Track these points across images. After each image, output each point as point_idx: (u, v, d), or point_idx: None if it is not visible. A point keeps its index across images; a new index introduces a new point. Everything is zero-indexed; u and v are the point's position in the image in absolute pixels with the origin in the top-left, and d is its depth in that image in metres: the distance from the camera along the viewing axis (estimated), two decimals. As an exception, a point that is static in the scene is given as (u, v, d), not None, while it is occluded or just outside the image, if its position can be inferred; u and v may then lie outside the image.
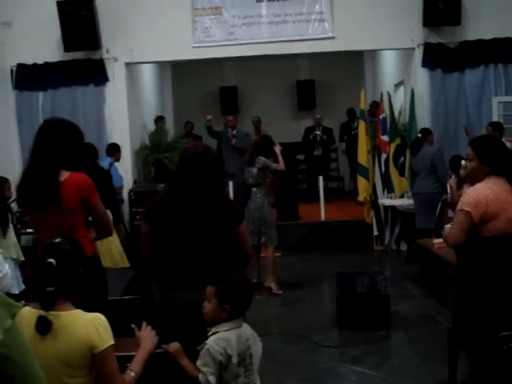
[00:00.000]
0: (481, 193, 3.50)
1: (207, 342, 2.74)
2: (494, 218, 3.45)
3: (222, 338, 2.74)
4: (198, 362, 2.73)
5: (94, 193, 3.55)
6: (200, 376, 2.71)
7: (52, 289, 2.38)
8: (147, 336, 2.68)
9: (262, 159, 7.08)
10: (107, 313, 2.51)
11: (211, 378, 2.68)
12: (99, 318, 2.42)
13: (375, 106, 10.47)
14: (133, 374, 2.54)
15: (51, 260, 2.40)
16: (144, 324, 2.72)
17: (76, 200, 3.44)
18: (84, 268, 2.59)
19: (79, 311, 2.44)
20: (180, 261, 3.14)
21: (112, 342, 2.40)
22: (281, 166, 7.19)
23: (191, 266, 3.14)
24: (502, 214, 3.45)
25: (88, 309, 2.49)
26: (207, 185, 3.16)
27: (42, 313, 2.36)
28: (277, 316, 6.37)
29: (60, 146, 3.46)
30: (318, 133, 11.90)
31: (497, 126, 7.54)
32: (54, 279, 2.40)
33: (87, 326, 2.37)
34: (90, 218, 3.63)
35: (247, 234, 3.37)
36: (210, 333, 2.78)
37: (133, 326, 2.70)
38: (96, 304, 2.80)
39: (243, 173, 7.47)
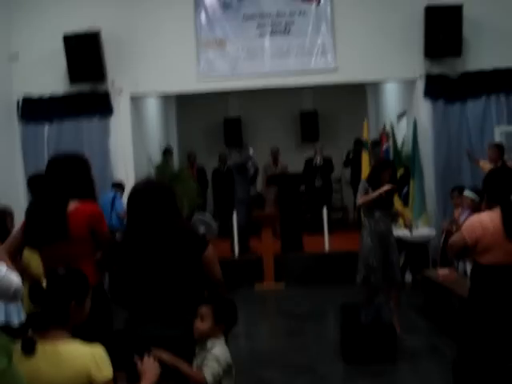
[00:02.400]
0: (480, 222, 3.54)
1: (214, 351, 2.96)
2: (490, 249, 3.47)
3: (226, 348, 3.02)
4: (205, 368, 2.91)
5: (102, 222, 3.60)
6: (208, 371, 2.89)
7: (40, 310, 2.38)
8: (150, 368, 2.66)
9: None
10: (112, 343, 2.50)
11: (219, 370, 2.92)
12: (98, 350, 2.41)
13: (376, 143, 10.45)
14: None
15: (43, 282, 2.43)
16: (146, 356, 2.70)
17: (84, 228, 3.48)
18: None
19: (77, 343, 2.43)
20: (147, 298, 3.08)
21: (111, 376, 2.39)
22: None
23: (160, 303, 3.06)
24: (500, 245, 3.46)
25: (92, 339, 2.48)
26: (156, 214, 3.09)
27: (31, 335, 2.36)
28: (280, 348, 6.32)
29: (68, 178, 3.51)
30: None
31: (500, 147, 7.64)
32: (42, 301, 2.41)
33: (86, 359, 2.36)
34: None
35: (215, 260, 3.20)
36: (208, 344, 2.99)
37: (136, 358, 2.67)
38: (100, 334, 2.79)
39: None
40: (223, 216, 10.83)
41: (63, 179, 3.52)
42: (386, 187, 6.08)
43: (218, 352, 2.96)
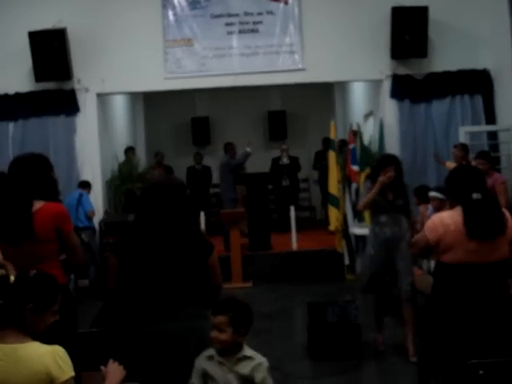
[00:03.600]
0: (441, 221, 3.58)
1: (261, 360, 2.93)
2: (451, 248, 3.52)
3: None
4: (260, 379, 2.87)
5: (68, 222, 3.56)
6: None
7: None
8: (113, 371, 2.63)
9: None
10: (76, 344, 2.48)
11: None
12: (58, 349, 2.40)
13: (344, 142, 10.52)
14: None
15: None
16: (111, 360, 2.68)
17: (50, 229, 3.44)
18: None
19: (37, 343, 2.41)
20: (150, 293, 3.10)
21: (72, 374, 2.38)
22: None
23: (162, 298, 3.09)
24: (461, 244, 3.50)
25: (56, 340, 2.45)
26: (173, 213, 3.11)
27: None
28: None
29: (31, 178, 3.47)
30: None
31: (465, 147, 7.74)
32: (3, 297, 2.39)
33: (46, 358, 2.34)
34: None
35: (218, 264, 3.29)
36: (241, 355, 2.93)
37: (102, 367, 2.63)
38: (65, 335, 2.76)
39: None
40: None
41: (27, 179, 3.48)
42: (380, 179, 5.32)
43: (264, 360, 2.95)
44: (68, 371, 2.37)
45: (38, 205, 3.46)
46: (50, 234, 3.45)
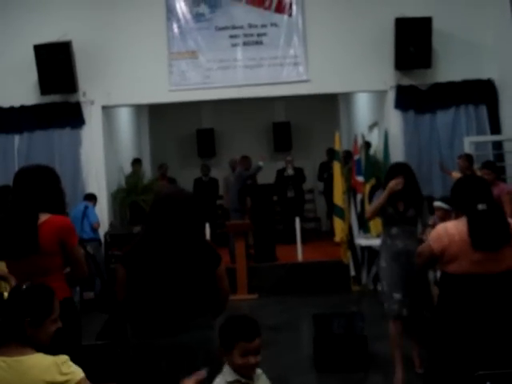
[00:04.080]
0: (446, 231, 3.56)
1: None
2: (456, 258, 3.50)
3: None
4: None
5: (72, 235, 3.55)
6: None
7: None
8: None
9: None
10: (81, 358, 2.48)
11: None
12: (61, 358, 2.40)
13: (348, 153, 10.52)
14: None
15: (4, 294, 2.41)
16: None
17: (54, 241, 3.42)
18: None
19: (41, 354, 2.40)
20: (159, 305, 3.08)
21: (82, 375, 2.38)
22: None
23: (171, 310, 3.08)
24: (466, 255, 3.48)
25: (61, 353, 2.45)
26: (183, 225, 3.11)
27: None
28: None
29: (37, 191, 3.47)
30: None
31: (469, 157, 7.73)
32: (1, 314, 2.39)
33: (51, 369, 2.34)
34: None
35: (226, 275, 3.29)
36: (259, 372, 2.96)
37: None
38: (69, 348, 2.75)
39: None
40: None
41: (32, 191, 3.48)
42: (390, 185, 5.11)
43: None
44: (77, 373, 2.38)
45: (43, 217, 3.44)
46: (55, 246, 3.44)
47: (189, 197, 3.29)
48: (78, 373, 2.38)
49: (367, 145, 9.61)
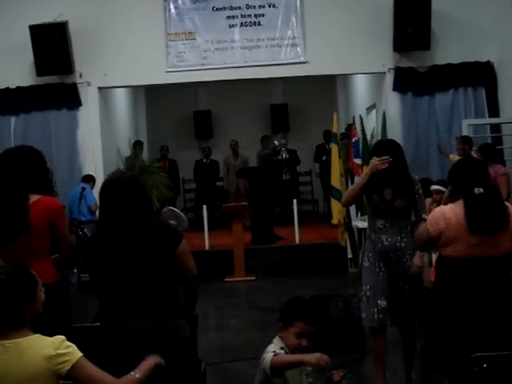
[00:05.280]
0: (443, 214, 3.55)
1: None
2: (453, 242, 3.50)
3: None
4: None
5: (61, 217, 3.54)
6: None
7: None
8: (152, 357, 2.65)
9: None
10: (72, 341, 2.46)
11: None
12: (58, 338, 2.40)
13: (350, 129, 10.54)
14: (137, 375, 2.52)
15: None
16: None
17: (44, 222, 3.41)
18: (46, 295, 2.56)
19: (38, 335, 2.41)
20: (121, 292, 3.07)
21: (80, 354, 2.39)
22: None
23: (134, 296, 3.06)
24: (463, 238, 3.48)
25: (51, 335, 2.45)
26: (131, 208, 3.07)
27: None
28: (251, 340, 6.31)
29: (23, 171, 3.44)
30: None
31: (466, 140, 7.69)
32: None
33: (48, 347, 2.35)
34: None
35: (188, 253, 3.21)
36: None
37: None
38: (58, 332, 2.73)
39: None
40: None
41: (18, 172, 3.43)
42: (372, 162, 4.21)
43: None
44: (75, 353, 2.38)
45: (33, 198, 3.42)
46: (44, 228, 3.42)
47: (129, 179, 3.25)
48: (77, 353, 2.39)
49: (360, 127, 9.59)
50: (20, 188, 3.42)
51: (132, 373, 2.53)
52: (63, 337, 2.42)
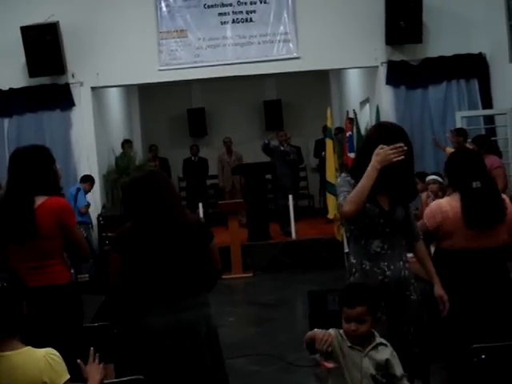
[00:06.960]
0: (439, 208, 3.55)
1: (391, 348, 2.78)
2: (450, 235, 3.50)
3: None
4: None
5: (70, 216, 3.51)
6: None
7: None
8: (94, 370, 2.54)
9: None
10: (81, 342, 2.45)
11: None
12: (51, 353, 2.36)
13: (340, 129, 10.50)
14: None
15: None
16: (91, 358, 2.59)
17: (52, 224, 3.37)
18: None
19: (29, 348, 2.36)
20: (160, 285, 3.10)
21: (68, 376, 2.36)
22: None
23: (171, 289, 3.10)
24: (460, 231, 3.49)
25: (60, 338, 2.43)
26: (171, 204, 3.16)
27: None
28: (249, 337, 6.33)
29: (32, 172, 3.42)
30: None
31: (461, 132, 7.69)
32: None
33: (39, 363, 2.31)
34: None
35: (217, 249, 3.35)
36: (377, 342, 2.78)
37: (78, 361, 2.53)
38: (69, 333, 2.73)
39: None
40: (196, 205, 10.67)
41: (27, 173, 3.41)
42: (383, 152, 2.97)
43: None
44: (63, 374, 2.35)
45: (39, 201, 3.39)
46: (54, 229, 3.38)
47: (166, 177, 3.37)
48: (66, 373, 2.36)
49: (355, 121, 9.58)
50: (27, 191, 3.38)
51: None
52: (55, 352, 2.37)
